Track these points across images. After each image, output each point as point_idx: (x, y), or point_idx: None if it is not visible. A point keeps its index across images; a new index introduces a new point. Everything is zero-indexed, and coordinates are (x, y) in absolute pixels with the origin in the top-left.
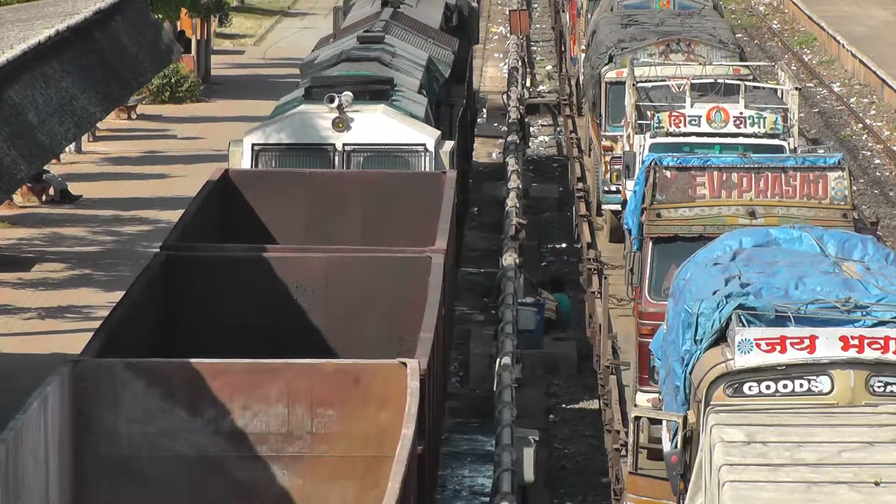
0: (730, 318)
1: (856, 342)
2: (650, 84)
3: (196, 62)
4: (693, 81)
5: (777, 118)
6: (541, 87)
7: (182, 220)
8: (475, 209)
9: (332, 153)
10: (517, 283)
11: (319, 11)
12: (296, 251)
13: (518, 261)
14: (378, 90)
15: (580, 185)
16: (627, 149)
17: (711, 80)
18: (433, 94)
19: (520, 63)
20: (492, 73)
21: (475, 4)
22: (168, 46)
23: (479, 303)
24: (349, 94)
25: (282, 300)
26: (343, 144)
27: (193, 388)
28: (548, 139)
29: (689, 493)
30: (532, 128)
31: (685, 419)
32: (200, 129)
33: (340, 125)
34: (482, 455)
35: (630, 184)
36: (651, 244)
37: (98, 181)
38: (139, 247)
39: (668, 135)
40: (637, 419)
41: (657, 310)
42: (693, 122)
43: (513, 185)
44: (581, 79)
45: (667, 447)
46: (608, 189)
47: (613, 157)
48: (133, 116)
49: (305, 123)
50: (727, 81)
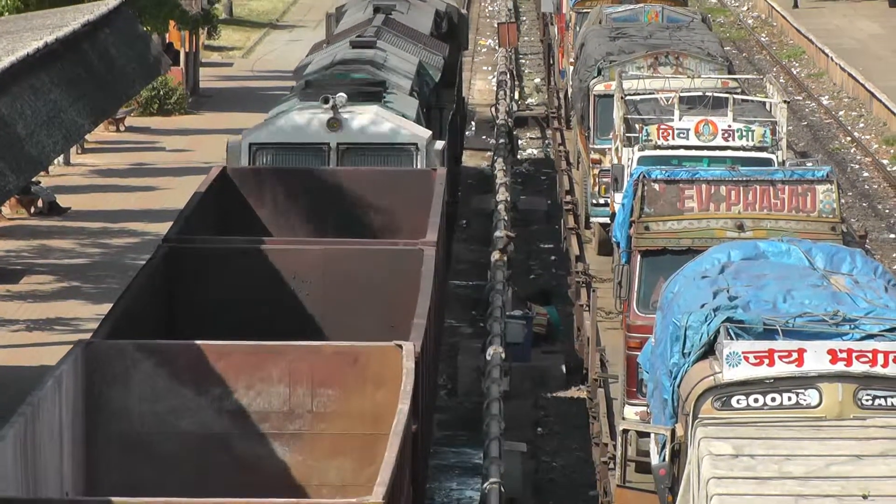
0: (718, 332)
1: (844, 355)
2: (638, 97)
3: (184, 74)
4: (681, 94)
5: (765, 131)
6: (529, 100)
7: (182, 214)
8: (464, 221)
9: (327, 152)
10: (505, 296)
11: (308, 24)
12: (293, 243)
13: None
14: (371, 92)
15: (568, 198)
16: (616, 161)
17: (700, 93)
18: (424, 98)
19: (508, 76)
20: (480, 86)
21: (464, 12)
22: (156, 59)
23: (468, 315)
24: (343, 95)
25: (279, 290)
26: (337, 143)
27: (200, 369)
28: (536, 152)
29: None
30: (520, 140)
31: (673, 432)
32: (189, 142)
33: (335, 125)
34: (470, 468)
35: (618, 196)
36: (639, 257)
37: (86, 193)
38: (127, 259)
39: (657, 148)
40: (625, 432)
41: (645, 323)
42: (681, 135)
43: (501, 198)
44: (569, 91)
45: (655, 460)
46: (596, 202)
47: (602, 170)
48: (121, 129)
49: (301, 123)
50: (716, 94)
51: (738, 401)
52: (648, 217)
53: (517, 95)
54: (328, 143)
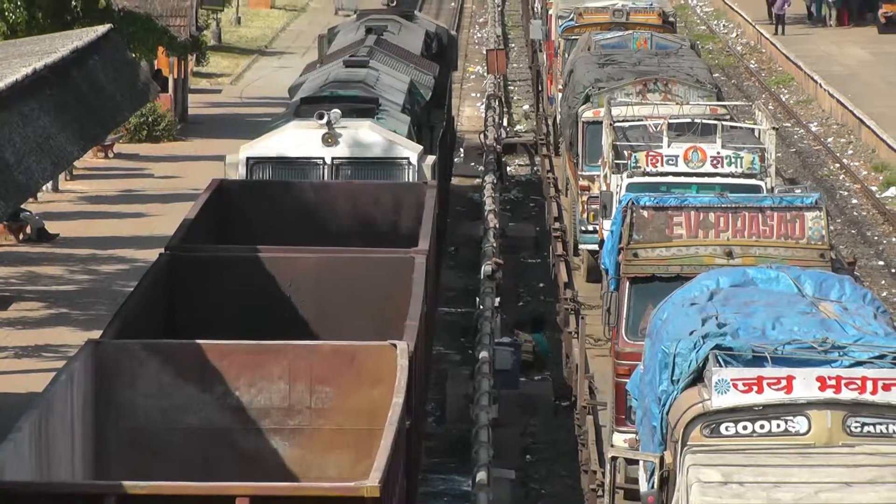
0: (707, 359)
1: (833, 382)
2: (627, 123)
3: (173, 101)
4: (670, 121)
5: (754, 158)
6: (518, 127)
7: (183, 225)
8: (452, 248)
9: (322, 166)
10: (494, 323)
11: (296, 50)
12: (289, 251)
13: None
14: (364, 108)
15: (557, 225)
16: (604, 188)
17: (689, 120)
18: (415, 115)
19: (496, 102)
20: (469, 113)
21: (454, 33)
22: (145, 85)
23: (456, 342)
24: (337, 112)
25: (276, 296)
26: (332, 158)
27: (203, 367)
28: (525, 178)
29: None
30: (509, 167)
31: (662, 459)
32: (177, 168)
33: (329, 140)
34: (459, 495)
35: (607, 223)
36: (628, 284)
37: (75, 220)
38: (116, 286)
39: (646, 174)
40: (614, 459)
41: (634, 350)
42: (670, 162)
43: (490, 225)
44: (558, 118)
45: (643, 487)
46: (585, 229)
47: (590, 197)
48: (110, 155)
49: (297, 138)
50: (704, 121)
51: (727, 428)
52: (637, 244)
53: (506, 122)
54: (323, 158)
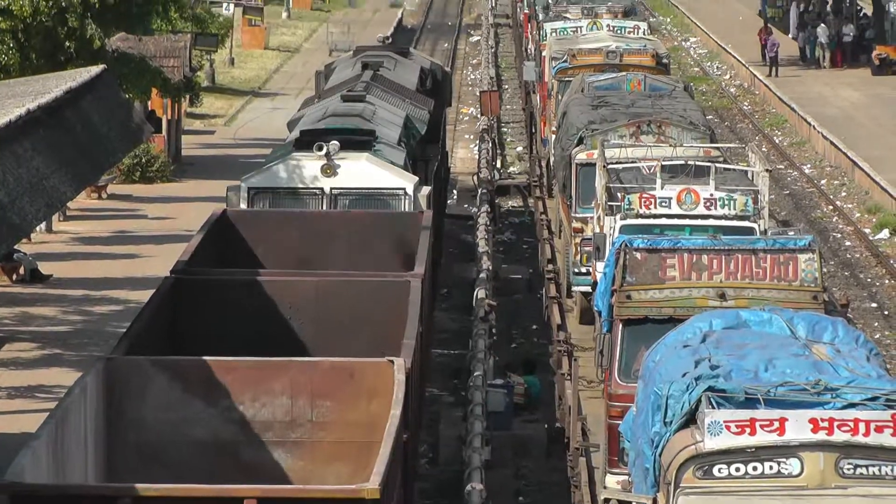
0: (699, 401)
1: (825, 424)
2: (621, 165)
3: (167, 142)
4: (664, 163)
5: (747, 200)
6: (511, 169)
7: (187, 251)
8: (445, 290)
9: (321, 196)
10: (487, 365)
11: (289, 91)
12: (290, 275)
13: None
14: (362, 140)
15: (550, 267)
16: (598, 230)
17: (682, 162)
18: (410, 148)
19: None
20: (462, 155)
21: (448, 69)
22: (139, 126)
23: (449, 384)
24: (336, 144)
25: (277, 319)
26: (331, 188)
27: (209, 383)
28: (518, 220)
29: None
30: (502, 208)
31: (655, 501)
32: (171, 209)
33: (328, 171)
34: None
35: (600, 265)
36: (621, 326)
37: (68, 261)
38: (109, 327)
39: (639, 216)
40: (607, 501)
41: (627, 392)
42: (663, 204)
43: (483, 267)
44: (551, 160)
45: None
46: (578, 270)
47: (584, 239)
48: (104, 196)
49: (296, 169)
50: (698, 163)
51: (720, 470)
52: (630, 286)
53: (499, 163)
54: (322, 188)
